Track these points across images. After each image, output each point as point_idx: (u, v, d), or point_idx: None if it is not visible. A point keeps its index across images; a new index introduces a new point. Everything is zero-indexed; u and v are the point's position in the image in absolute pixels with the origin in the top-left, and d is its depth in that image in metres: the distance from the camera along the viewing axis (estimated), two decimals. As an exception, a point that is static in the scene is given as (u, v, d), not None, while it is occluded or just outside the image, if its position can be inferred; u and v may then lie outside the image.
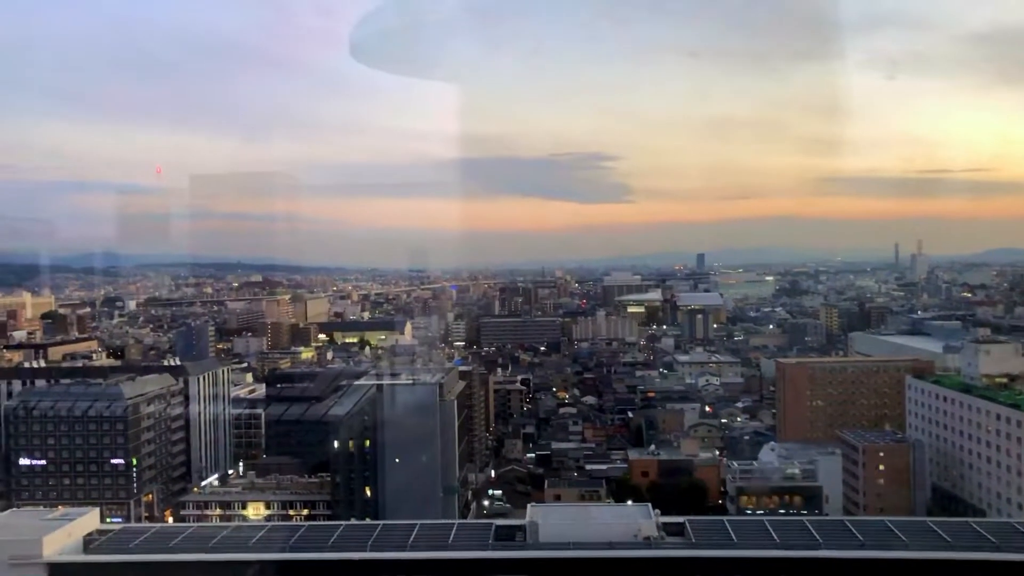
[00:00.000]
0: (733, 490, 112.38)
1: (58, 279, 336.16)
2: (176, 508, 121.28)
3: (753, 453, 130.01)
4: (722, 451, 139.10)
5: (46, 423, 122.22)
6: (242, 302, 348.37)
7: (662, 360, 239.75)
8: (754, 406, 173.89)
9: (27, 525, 51.61)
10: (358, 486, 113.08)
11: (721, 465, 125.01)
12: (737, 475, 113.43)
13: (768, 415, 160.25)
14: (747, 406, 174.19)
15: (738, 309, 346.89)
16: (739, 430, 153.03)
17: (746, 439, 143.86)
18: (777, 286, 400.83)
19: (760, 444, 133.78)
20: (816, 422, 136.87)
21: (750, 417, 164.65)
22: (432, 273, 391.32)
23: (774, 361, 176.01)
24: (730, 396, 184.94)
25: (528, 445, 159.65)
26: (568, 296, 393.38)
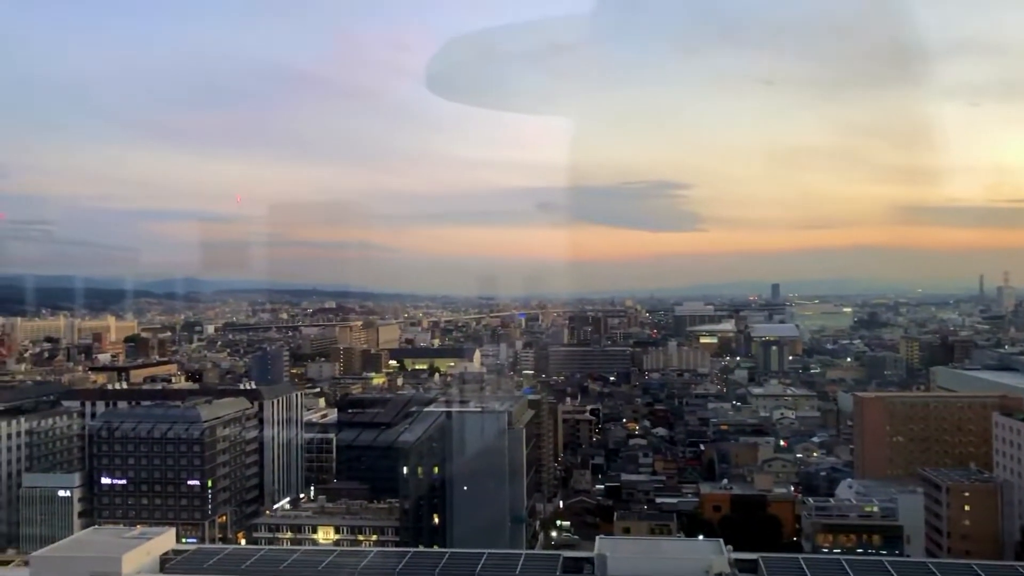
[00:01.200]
0: (809, 527, 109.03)
1: (141, 304, 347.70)
2: (248, 530, 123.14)
3: (830, 489, 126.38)
4: (797, 487, 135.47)
5: (127, 443, 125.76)
6: (316, 328, 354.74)
7: (735, 392, 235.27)
8: (831, 441, 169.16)
9: (108, 542, 52.87)
10: (426, 513, 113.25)
11: (796, 501, 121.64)
12: (813, 512, 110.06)
13: (845, 451, 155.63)
14: (823, 441, 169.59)
15: (814, 341, 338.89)
16: (815, 465, 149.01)
17: (822, 475, 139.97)
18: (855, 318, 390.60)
19: (837, 480, 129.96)
20: (896, 459, 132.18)
21: (826, 452, 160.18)
22: (501, 301, 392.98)
23: (852, 395, 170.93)
24: (806, 430, 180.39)
25: (597, 476, 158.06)
26: (639, 326, 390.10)
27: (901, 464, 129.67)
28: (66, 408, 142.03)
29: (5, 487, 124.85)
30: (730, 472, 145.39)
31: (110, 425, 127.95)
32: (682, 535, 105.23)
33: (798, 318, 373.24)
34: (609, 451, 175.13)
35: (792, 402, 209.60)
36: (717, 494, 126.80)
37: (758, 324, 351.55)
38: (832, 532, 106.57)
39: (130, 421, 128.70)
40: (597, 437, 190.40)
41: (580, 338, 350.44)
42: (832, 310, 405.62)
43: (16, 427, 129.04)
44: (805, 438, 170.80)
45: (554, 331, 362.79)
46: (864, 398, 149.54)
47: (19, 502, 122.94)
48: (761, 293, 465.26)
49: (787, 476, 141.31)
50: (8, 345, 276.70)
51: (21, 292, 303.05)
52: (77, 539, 59.00)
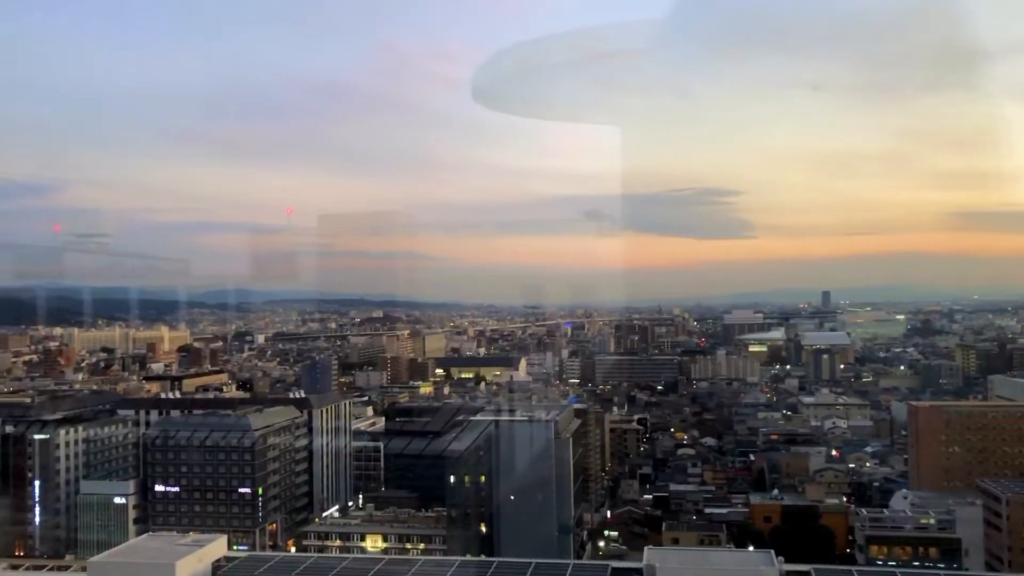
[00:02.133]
0: (862, 539, 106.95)
1: (193, 314, 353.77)
2: (298, 538, 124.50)
3: (883, 500, 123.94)
4: (850, 497, 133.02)
5: (180, 452, 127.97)
6: (364, 337, 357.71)
7: (785, 401, 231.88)
8: (884, 451, 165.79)
9: (162, 549, 53.82)
10: (474, 522, 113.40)
11: (849, 512, 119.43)
12: (867, 523, 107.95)
13: (899, 461, 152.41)
14: (877, 451, 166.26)
15: (866, 349, 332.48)
16: (868, 476, 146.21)
17: (876, 486, 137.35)
18: (908, 325, 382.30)
19: (891, 491, 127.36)
20: (953, 470, 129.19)
21: (880, 463, 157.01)
22: (547, 310, 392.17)
23: (906, 404, 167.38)
24: (858, 440, 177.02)
25: (645, 486, 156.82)
26: (686, 334, 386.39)
27: (958, 475, 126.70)
28: (121, 417, 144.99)
29: (64, 494, 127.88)
30: (781, 482, 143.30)
31: (164, 434, 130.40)
32: (732, 546, 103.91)
33: (849, 326, 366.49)
34: (657, 461, 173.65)
35: (844, 411, 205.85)
36: (767, 504, 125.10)
37: (808, 332, 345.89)
38: (886, 544, 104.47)
39: (183, 430, 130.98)
40: (645, 447, 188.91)
41: (627, 347, 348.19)
42: (884, 317, 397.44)
43: (74, 435, 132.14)
44: (857, 448, 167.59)
45: (600, 340, 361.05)
46: (919, 407, 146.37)
47: (77, 508, 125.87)
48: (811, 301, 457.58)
49: (839, 487, 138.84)
50: (66, 355, 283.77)
51: (78, 303, 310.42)
52: (132, 545, 60.14)
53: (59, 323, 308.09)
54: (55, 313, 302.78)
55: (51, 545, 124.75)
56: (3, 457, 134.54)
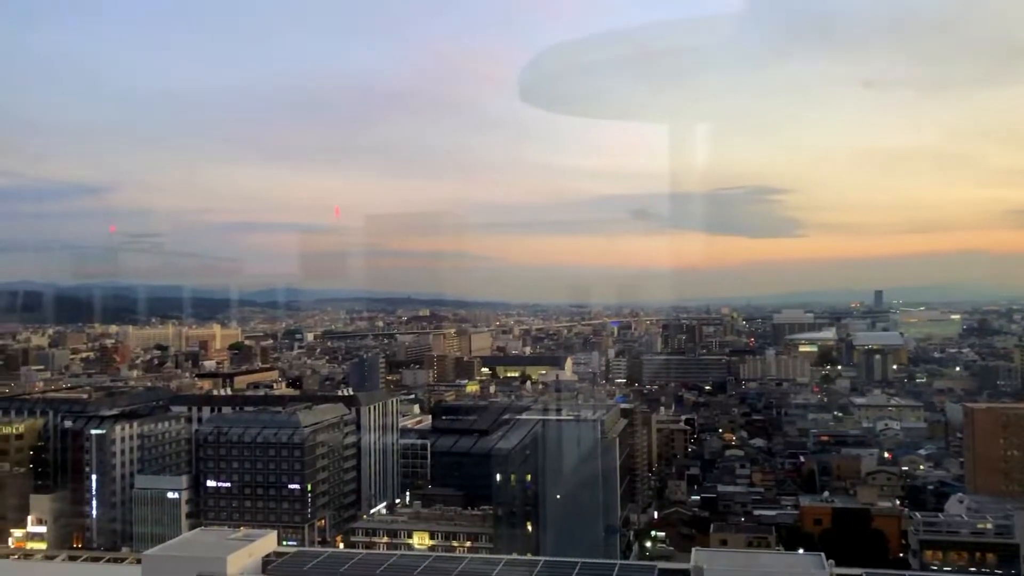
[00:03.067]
0: (916, 543, 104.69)
1: (245, 312, 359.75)
2: (346, 534, 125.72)
3: (938, 504, 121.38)
4: (903, 501, 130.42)
5: (231, 448, 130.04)
6: (411, 335, 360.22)
7: (836, 402, 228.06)
8: (939, 454, 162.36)
9: (214, 543, 54.73)
10: (520, 521, 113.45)
11: (902, 516, 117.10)
12: (920, 527, 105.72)
13: (955, 464, 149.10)
14: (931, 453, 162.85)
15: (920, 349, 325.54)
16: (922, 479, 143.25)
17: (930, 489, 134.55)
18: (964, 325, 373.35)
19: (946, 495, 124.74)
20: (1011, 473, 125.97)
21: (934, 465, 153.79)
22: (593, 309, 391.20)
23: (962, 406, 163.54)
24: (912, 442, 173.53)
25: (692, 487, 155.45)
26: (735, 334, 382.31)
27: (1017, 479, 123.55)
28: (174, 413, 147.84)
29: (119, 488, 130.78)
30: (831, 485, 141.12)
31: (216, 430, 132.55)
32: (781, 548, 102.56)
33: (902, 326, 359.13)
34: (705, 462, 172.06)
35: (897, 413, 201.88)
36: (818, 507, 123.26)
37: (860, 332, 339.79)
38: (941, 549, 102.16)
39: (234, 426, 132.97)
40: (692, 447, 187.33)
41: (674, 347, 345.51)
42: (939, 317, 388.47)
43: (130, 431, 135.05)
44: (911, 450, 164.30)
45: (647, 340, 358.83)
46: (975, 409, 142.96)
47: (132, 502, 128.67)
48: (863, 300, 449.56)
49: (892, 490, 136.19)
50: (122, 353, 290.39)
51: (133, 302, 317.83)
52: (185, 539, 61.26)
53: (115, 321, 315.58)
54: (111, 311, 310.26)
55: (107, 538, 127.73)
56: (62, 451, 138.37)
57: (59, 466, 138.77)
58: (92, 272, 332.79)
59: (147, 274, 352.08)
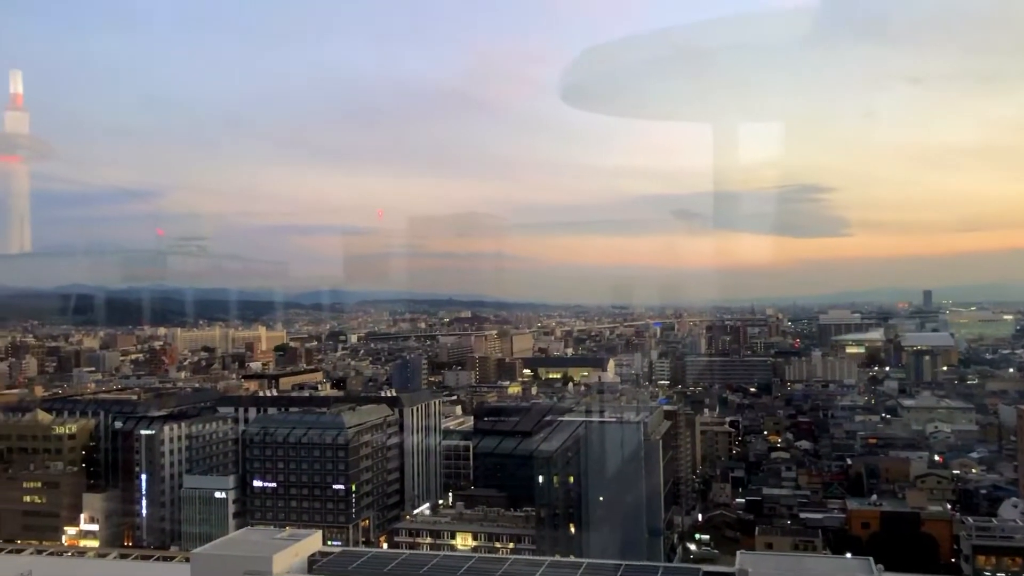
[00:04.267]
0: (968, 548, 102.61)
1: (290, 314, 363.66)
2: (390, 534, 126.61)
3: (991, 509, 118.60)
4: (954, 505, 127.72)
5: (277, 448, 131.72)
6: (452, 337, 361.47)
7: (884, 404, 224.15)
8: (991, 457, 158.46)
9: (260, 543, 55.34)
10: (562, 522, 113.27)
11: (954, 520, 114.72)
12: (973, 532, 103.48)
13: (1008, 467, 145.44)
14: (983, 457, 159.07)
15: (971, 350, 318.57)
16: (974, 483, 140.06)
17: (983, 493, 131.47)
18: (1018, 325, 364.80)
19: (999, 499, 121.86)
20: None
21: (987, 469, 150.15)
22: (636, 310, 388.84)
23: (1015, 408, 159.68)
24: (963, 445, 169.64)
25: (737, 490, 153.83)
26: (780, 335, 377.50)
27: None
28: (222, 414, 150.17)
29: (168, 487, 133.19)
30: (879, 488, 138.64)
31: (262, 430, 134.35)
32: (828, 552, 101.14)
33: (953, 326, 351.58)
34: (750, 464, 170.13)
35: (947, 415, 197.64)
36: (866, 510, 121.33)
37: (909, 332, 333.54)
38: (995, 555, 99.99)
39: (280, 427, 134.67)
40: (737, 449, 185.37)
41: (718, 348, 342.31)
42: (991, 317, 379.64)
43: (178, 431, 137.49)
44: (962, 453, 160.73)
45: (691, 341, 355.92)
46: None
47: (180, 502, 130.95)
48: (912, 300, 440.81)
49: (942, 493, 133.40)
50: (170, 354, 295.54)
51: (181, 304, 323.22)
52: (232, 538, 62.06)
53: (163, 323, 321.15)
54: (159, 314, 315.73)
55: (157, 536, 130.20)
56: (113, 451, 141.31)
57: (110, 466, 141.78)
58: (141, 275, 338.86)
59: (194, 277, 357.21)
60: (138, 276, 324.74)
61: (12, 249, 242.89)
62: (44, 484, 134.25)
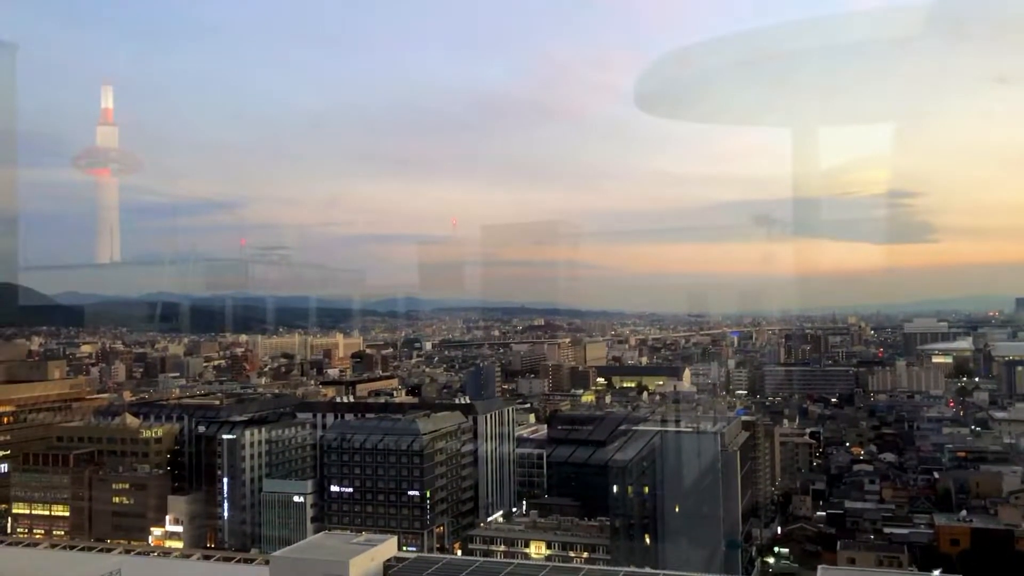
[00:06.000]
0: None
1: (366, 322, 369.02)
2: (464, 541, 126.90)
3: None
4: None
5: (353, 454, 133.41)
6: (526, 344, 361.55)
7: (974, 416, 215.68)
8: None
9: (337, 547, 55.96)
10: (637, 533, 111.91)
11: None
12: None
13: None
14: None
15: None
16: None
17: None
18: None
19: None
20: None
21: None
22: (712, 318, 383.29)
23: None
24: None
25: (818, 503, 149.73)
26: (863, 344, 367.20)
27: None
28: (300, 420, 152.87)
29: (248, 491, 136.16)
30: (969, 503, 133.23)
31: (339, 436, 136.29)
32: (914, 569, 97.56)
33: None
34: (831, 476, 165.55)
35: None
36: (955, 526, 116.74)
37: (1000, 342, 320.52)
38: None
39: (356, 433, 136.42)
40: (818, 461, 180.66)
41: (798, 357, 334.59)
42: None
43: (258, 436, 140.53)
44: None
45: (769, 350, 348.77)
46: None
47: (260, 505, 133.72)
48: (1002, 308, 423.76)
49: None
50: (251, 361, 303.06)
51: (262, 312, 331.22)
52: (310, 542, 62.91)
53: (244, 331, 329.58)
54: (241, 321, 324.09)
55: (238, 538, 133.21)
56: (196, 455, 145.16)
57: (194, 469, 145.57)
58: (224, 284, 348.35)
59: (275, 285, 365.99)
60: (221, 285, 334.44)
61: (102, 259, 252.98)
62: (132, 486, 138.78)
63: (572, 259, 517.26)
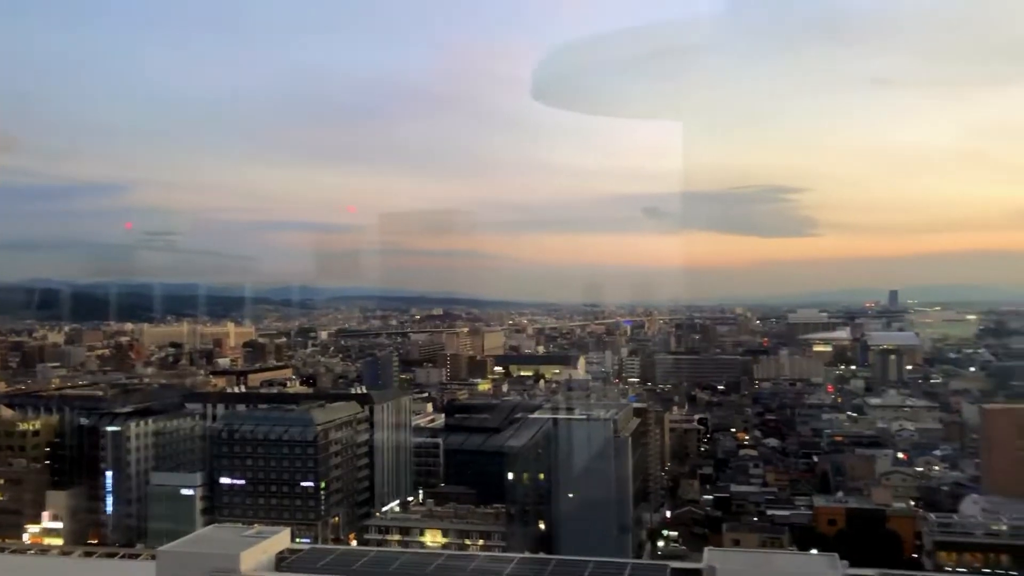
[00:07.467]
0: (931, 544, 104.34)
1: (259, 310, 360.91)
2: (360, 532, 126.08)
3: (953, 505, 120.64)
4: (918, 502, 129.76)
5: (245, 445, 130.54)
6: (424, 334, 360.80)
7: (851, 403, 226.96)
8: (954, 455, 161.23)
9: (227, 540, 54.84)
10: (532, 519, 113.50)
11: (917, 517, 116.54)
12: (935, 528, 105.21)
13: (970, 465, 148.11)
14: (946, 454, 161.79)
15: (936, 350, 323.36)
16: (937, 480, 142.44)
17: (945, 490, 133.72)
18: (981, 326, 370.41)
19: (961, 496, 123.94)
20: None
21: (950, 467, 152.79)
22: (607, 308, 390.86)
23: (978, 407, 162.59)
24: (927, 443, 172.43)
25: (705, 487, 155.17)
26: (749, 334, 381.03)
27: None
28: (189, 410, 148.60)
29: (135, 484, 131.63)
30: (845, 485, 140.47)
31: (230, 427, 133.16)
32: (795, 549, 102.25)
33: (918, 326, 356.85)
34: (718, 461, 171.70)
35: (912, 413, 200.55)
36: (832, 507, 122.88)
37: (875, 332, 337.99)
38: (956, 550, 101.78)
39: (248, 423, 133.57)
40: (705, 447, 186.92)
41: (687, 346, 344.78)
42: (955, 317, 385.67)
43: (145, 428, 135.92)
44: (926, 451, 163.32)
45: (661, 339, 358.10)
46: (992, 410, 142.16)
47: (147, 499, 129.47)
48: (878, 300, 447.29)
49: (907, 490, 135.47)
50: (137, 350, 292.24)
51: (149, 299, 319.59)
52: (199, 536, 61.44)
53: (130, 319, 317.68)
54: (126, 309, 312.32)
55: (123, 534, 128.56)
56: (78, 448, 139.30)
57: (75, 463, 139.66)
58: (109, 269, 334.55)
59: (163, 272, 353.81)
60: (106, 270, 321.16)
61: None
62: (7, 481, 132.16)
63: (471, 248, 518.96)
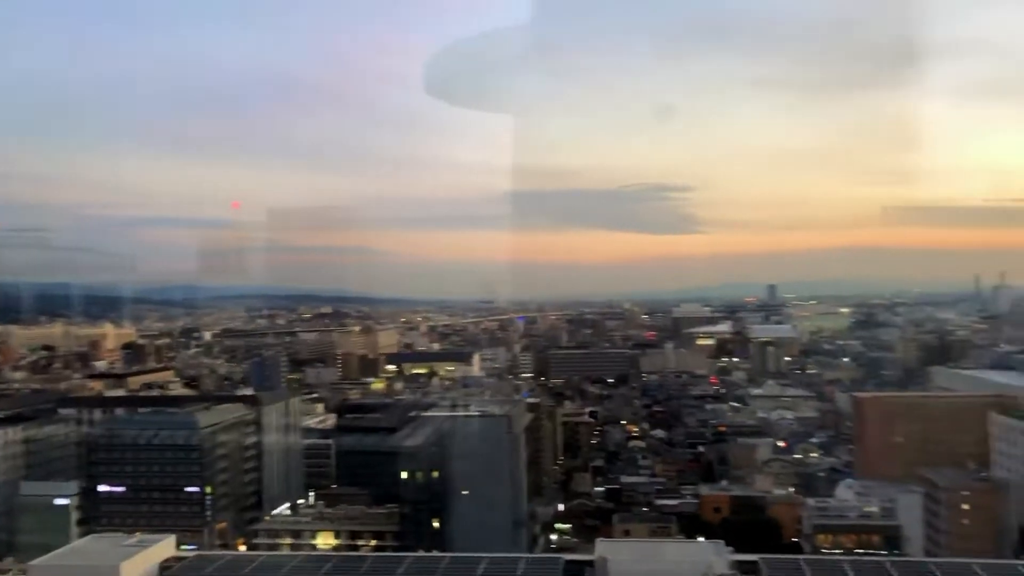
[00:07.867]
0: (809, 528, 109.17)
1: (139, 311, 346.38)
2: (248, 536, 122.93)
3: (829, 490, 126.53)
4: (797, 488, 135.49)
5: (125, 451, 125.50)
6: (313, 333, 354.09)
7: (733, 393, 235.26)
8: (829, 442, 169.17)
9: (106, 551, 52.77)
10: (426, 518, 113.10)
11: (796, 503, 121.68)
12: (813, 513, 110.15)
13: (844, 451, 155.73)
14: (822, 442, 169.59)
15: (812, 342, 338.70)
16: (814, 466, 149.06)
17: (822, 476, 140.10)
18: (852, 318, 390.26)
19: (836, 481, 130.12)
20: (895, 459, 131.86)
21: (825, 453, 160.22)
22: (499, 305, 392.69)
23: (850, 396, 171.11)
24: (804, 431, 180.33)
25: (597, 479, 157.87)
26: (637, 328, 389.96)
27: (900, 464, 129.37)
28: (63, 416, 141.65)
29: (3, 496, 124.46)
30: (729, 473, 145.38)
31: (108, 432, 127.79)
32: (682, 537, 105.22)
33: (795, 319, 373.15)
34: (609, 453, 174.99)
35: (790, 403, 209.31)
36: (716, 496, 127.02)
37: (755, 325, 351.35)
38: (832, 533, 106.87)
39: (128, 428, 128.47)
40: (597, 440, 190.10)
41: (578, 341, 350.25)
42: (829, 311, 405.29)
43: (12, 435, 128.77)
44: (804, 439, 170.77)
45: (552, 334, 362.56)
46: (862, 398, 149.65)
47: (17, 511, 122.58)
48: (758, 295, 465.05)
49: (787, 477, 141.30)
50: (5, 353, 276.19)
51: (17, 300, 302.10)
52: (75, 547, 58.86)
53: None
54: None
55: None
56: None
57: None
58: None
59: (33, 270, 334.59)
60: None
61: None
62: None
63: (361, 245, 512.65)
